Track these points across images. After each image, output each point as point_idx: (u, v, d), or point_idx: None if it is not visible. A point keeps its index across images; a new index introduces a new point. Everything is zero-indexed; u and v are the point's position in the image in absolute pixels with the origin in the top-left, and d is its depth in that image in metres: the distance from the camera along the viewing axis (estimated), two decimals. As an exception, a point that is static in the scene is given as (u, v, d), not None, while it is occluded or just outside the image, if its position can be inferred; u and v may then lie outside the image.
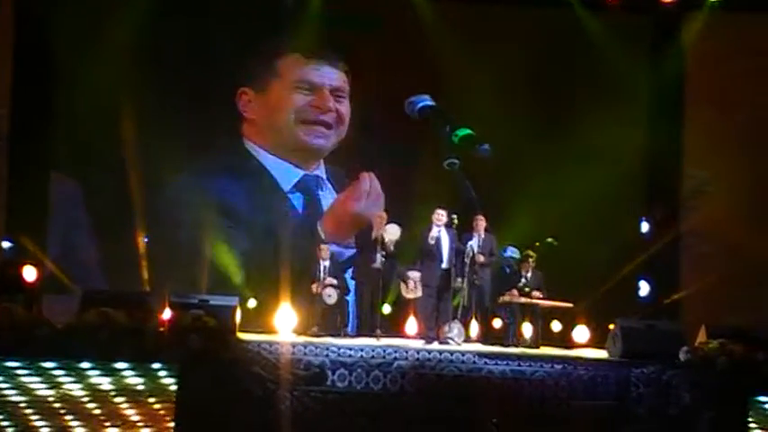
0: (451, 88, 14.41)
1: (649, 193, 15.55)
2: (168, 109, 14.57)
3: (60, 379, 11.21)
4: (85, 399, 11.23)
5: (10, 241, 14.10)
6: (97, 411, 11.24)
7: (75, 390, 11.22)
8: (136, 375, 11.32)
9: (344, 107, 15.31)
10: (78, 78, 14.41)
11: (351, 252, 14.73)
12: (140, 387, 11.31)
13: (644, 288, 15.36)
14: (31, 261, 13.17)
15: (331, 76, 15.29)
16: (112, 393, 11.28)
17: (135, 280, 14.09)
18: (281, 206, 15.13)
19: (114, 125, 14.37)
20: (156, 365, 11.34)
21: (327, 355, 11.69)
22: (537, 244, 13.92)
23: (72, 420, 11.20)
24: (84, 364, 11.23)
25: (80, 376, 11.23)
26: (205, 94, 14.84)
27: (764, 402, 12.04)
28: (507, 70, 14.63)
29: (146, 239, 14.45)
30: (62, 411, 11.19)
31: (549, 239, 13.98)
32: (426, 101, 14.10)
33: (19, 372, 11.17)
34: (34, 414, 11.17)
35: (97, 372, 11.26)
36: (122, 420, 11.26)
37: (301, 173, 15.35)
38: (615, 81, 15.09)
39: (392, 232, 13.77)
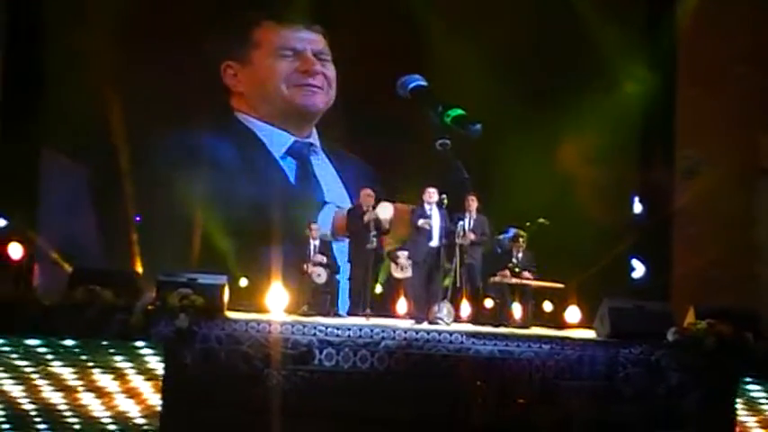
0: (442, 68, 14.33)
1: (641, 173, 15.45)
2: (157, 84, 14.51)
3: (46, 356, 11.22)
4: (69, 375, 11.25)
5: (4, 218, 14.08)
6: (81, 387, 11.27)
7: (58, 367, 11.24)
8: (120, 353, 11.33)
9: (329, 70, 15.31)
10: (67, 57, 14.39)
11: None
12: (126, 364, 11.32)
13: (638, 269, 15.30)
14: (18, 238, 13.13)
15: (311, 39, 15.30)
16: (98, 370, 11.29)
17: (123, 257, 14.06)
18: (272, 174, 15.11)
19: (104, 101, 14.33)
20: (141, 343, 11.33)
21: (315, 335, 11.70)
22: (528, 224, 13.89)
23: (53, 393, 11.23)
24: (69, 342, 11.24)
25: (65, 353, 11.25)
26: (191, 69, 14.79)
27: (752, 383, 12.03)
28: (497, 50, 14.60)
29: (137, 218, 14.43)
30: (46, 387, 11.22)
31: (541, 219, 13.95)
32: (418, 80, 14.06)
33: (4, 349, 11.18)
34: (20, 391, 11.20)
35: (82, 349, 11.27)
36: (108, 396, 11.29)
37: (293, 138, 15.33)
38: (607, 61, 15.03)
39: (385, 211, 13.78)
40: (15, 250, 12.83)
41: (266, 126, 15.26)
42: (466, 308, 13.33)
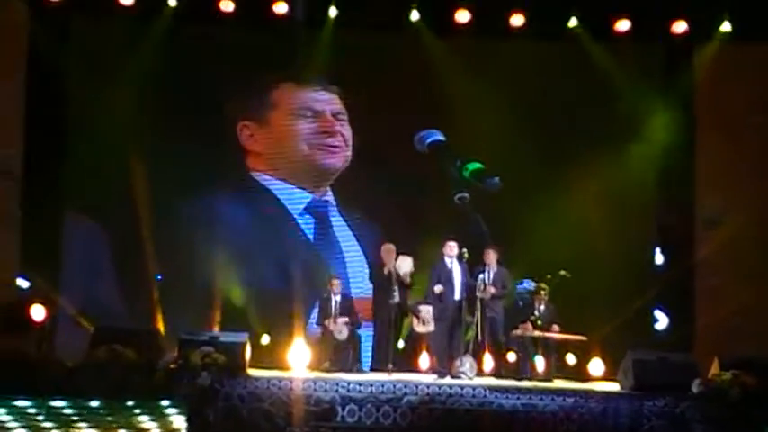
0: (461, 123, 14.40)
1: (662, 224, 15.40)
2: (174, 146, 14.68)
3: (71, 417, 11.24)
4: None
5: (26, 279, 14.17)
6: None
7: (84, 428, 11.25)
8: (144, 413, 11.33)
9: (347, 130, 15.38)
10: (90, 118, 14.54)
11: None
12: (149, 424, 11.32)
13: (661, 320, 15.22)
14: (41, 300, 13.23)
15: (329, 99, 15.40)
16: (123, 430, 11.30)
17: (145, 316, 14.11)
18: (291, 232, 15.18)
19: (125, 164, 14.46)
20: (165, 402, 11.35)
21: (337, 391, 11.71)
22: (549, 276, 13.91)
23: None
24: (93, 403, 11.26)
25: (89, 414, 11.25)
26: (210, 130, 14.91)
27: (778, 433, 11.93)
28: (517, 105, 14.64)
29: (159, 277, 14.49)
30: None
31: (562, 272, 13.95)
32: (436, 135, 14.16)
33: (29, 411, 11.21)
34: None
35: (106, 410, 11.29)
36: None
37: (310, 197, 15.38)
38: (626, 112, 15.03)
39: (405, 264, 13.82)
40: (38, 312, 12.95)
41: (283, 184, 15.35)
42: (488, 361, 13.36)
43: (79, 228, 14.81)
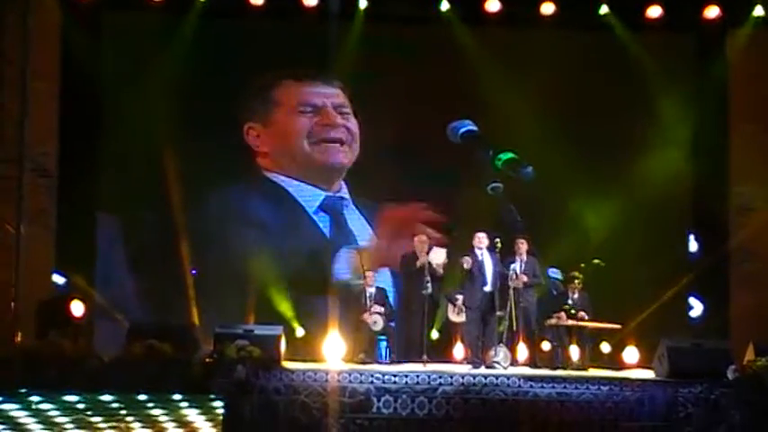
0: (493, 113, 14.38)
1: (696, 211, 15.35)
2: (204, 143, 14.81)
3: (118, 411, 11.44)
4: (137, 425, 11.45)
5: (63, 276, 14.31)
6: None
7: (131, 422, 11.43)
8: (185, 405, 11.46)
9: (352, 123, 15.39)
10: (123, 115, 14.64)
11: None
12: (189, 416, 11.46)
13: (696, 307, 15.17)
14: (79, 296, 13.37)
15: (330, 93, 15.42)
16: (162, 420, 11.43)
17: (179, 311, 14.21)
18: (307, 230, 15.26)
19: (157, 160, 14.56)
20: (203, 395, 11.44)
21: (372, 383, 11.74)
22: (583, 265, 13.89)
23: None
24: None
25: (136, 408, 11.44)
26: (226, 131, 15.07)
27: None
28: (548, 94, 14.55)
29: (194, 272, 14.57)
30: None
31: (596, 261, 13.94)
32: (468, 125, 14.13)
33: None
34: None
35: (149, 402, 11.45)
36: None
37: (324, 194, 15.42)
38: (659, 100, 14.97)
39: (438, 256, 13.86)
40: (77, 308, 13.09)
41: (295, 183, 15.39)
42: (523, 351, 13.37)
43: (113, 225, 14.94)
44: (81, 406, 11.36)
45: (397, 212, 15.00)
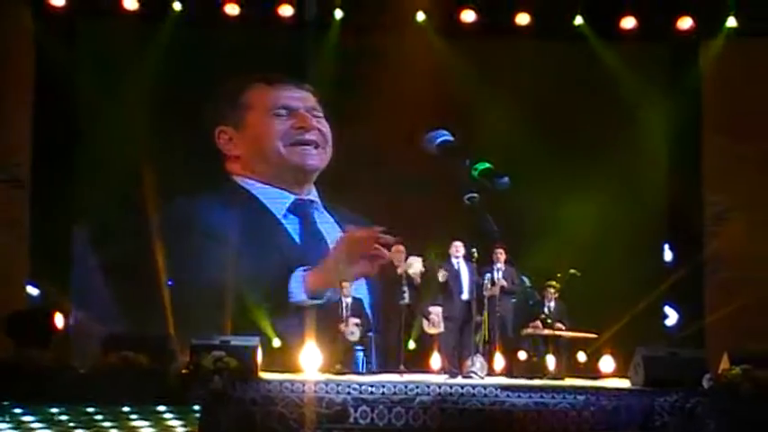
0: (470, 123, 14.41)
1: (671, 220, 15.42)
2: (180, 151, 14.84)
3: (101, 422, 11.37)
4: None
5: (35, 287, 14.23)
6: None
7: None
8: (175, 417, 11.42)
9: (324, 126, 15.42)
10: (97, 124, 14.61)
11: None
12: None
13: (671, 316, 15.24)
14: (60, 308, 13.32)
15: (302, 96, 15.46)
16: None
17: (155, 322, 14.12)
18: (277, 236, 15.24)
19: (133, 169, 14.50)
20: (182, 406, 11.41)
21: (349, 393, 11.74)
22: (559, 275, 13.92)
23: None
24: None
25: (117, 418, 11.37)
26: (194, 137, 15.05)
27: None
28: (524, 104, 14.67)
29: (170, 283, 14.51)
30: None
31: (572, 270, 13.96)
32: (444, 135, 14.13)
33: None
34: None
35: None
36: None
37: (293, 196, 15.41)
38: (633, 110, 15.07)
39: (415, 265, 13.84)
40: (59, 320, 13.03)
41: (265, 187, 15.36)
42: (499, 361, 13.37)
43: (87, 235, 14.88)
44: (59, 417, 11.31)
45: (355, 234, 14.96)
